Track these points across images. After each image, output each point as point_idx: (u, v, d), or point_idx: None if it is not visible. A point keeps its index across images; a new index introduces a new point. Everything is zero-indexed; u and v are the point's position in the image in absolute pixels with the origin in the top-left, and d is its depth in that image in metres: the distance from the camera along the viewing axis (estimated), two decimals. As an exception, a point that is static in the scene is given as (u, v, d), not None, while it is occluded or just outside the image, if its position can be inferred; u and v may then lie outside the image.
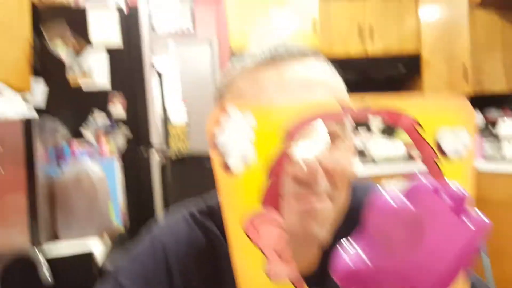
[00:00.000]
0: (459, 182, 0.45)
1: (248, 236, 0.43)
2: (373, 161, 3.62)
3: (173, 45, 3.80)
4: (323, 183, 0.52)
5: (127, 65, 2.08)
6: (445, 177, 0.47)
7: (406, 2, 3.89)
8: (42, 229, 1.40)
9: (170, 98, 3.12)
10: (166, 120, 2.40)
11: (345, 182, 0.54)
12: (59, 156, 1.66)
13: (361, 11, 3.80)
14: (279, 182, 0.44)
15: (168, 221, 0.63)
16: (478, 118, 3.82)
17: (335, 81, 0.58)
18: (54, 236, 1.52)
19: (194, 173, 3.73)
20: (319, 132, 0.51)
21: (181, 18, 3.95)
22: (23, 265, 1.32)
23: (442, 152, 0.47)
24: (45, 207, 1.45)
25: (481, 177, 3.11)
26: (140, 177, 2.05)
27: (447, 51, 3.76)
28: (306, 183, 0.51)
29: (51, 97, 2.00)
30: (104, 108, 2.04)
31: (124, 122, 2.05)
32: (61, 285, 1.34)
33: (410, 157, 3.72)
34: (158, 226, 0.63)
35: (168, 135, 3.54)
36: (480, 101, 3.82)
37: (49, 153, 1.57)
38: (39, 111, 1.84)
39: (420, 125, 0.47)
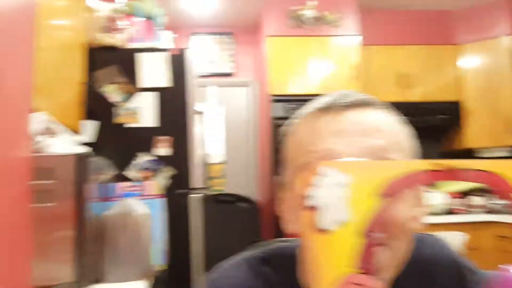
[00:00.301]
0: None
1: (343, 301, 0.41)
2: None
3: (214, 87, 3.88)
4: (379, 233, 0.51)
5: (173, 106, 2.13)
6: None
7: (447, 50, 3.87)
8: (87, 268, 1.40)
9: (210, 138, 3.15)
10: (206, 160, 2.41)
11: (406, 233, 0.54)
12: (106, 195, 1.69)
13: (402, 59, 3.80)
14: (376, 244, 0.42)
15: (227, 266, 0.65)
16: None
17: (395, 130, 0.59)
18: (98, 278, 1.51)
19: (228, 211, 3.72)
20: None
21: (222, 61, 4.05)
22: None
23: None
24: (91, 245, 1.45)
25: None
26: (181, 216, 2.05)
27: (489, 100, 3.69)
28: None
29: (100, 137, 2.05)
30: (150, 148, 2.07)
31: (168, 161, 2.07)
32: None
33: (452, 210, 3.60)
34: (218, 271, 0.65)
35: (208, 174, 3.57)
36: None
37: (97, 191, 1.59)
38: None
39: (518, 190, 0.44)
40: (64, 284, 1.37)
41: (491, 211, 3.54)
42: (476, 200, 3.66)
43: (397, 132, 0.60)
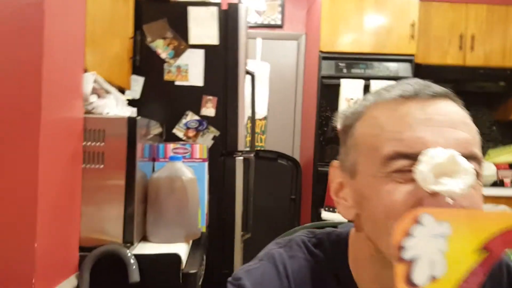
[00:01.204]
0: None
1: None
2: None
3: (259, 39, 3.77)
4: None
5: (223, 65, 2.07)
6: None
7: (514, 11, 3.57)
8: (135, 228, 1.43)
9: (261, 91, 3.10)
10: (254, 120, 2.38)
11: None
12: (154, 155, 1.69)
13: (464, 18, 3.54)
14: (468, 300, 0.38)
15: (285, 243, 0.70)
16: None
17: (473, 125, 0.61)
18: (144, 238, 1.55)
19: (268, 167, 3.72)
20: (467, 168, 0.50)
21: (270, 11, 3.90)
22: (113, 260, 1.36)
23: None
24: (140, 206, 1.48)
25: None
26: (225, 177, 2.05)
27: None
28: None
29: (149, 94, 2.04)
30: (198, 108, 2.05)
31: (215, 122, 2.05)
32: (147, 283, 1.36)
33: (500, 182, 3.47)
34: (278, 250, 0.69)
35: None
36: None
37: (145, 151, 1.59)
38: (135, 106, 1.88)
39: None
40: (114, 243, 1.40)
41: (543, 187, 3.38)
42: (528, 173, 3.51)
43: (474, 126, 0.61)
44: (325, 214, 3.06)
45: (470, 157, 0.54)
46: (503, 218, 0.38)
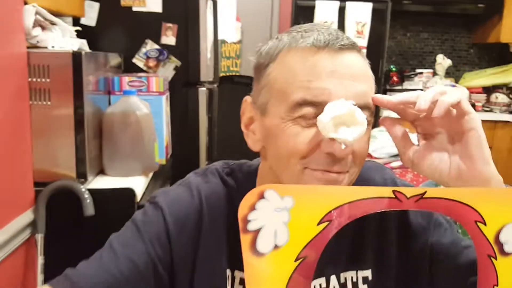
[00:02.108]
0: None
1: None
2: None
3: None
4: (349, 161, 0.61)
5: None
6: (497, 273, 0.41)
7: None
8: (88, 162, 1.45)
9: (224, 18, 2.99)
10: (216, 49, 2.32)
11: (363, 161, 0.65)
12: (109, 88, 1.67)
13: None
14: (311, 265, 0.40)
15: (202, 172, 0.77)
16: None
17: (371, 76, 0.65)
18: (100, 171, 1.57)
19: (242, 91, 3.69)
20: (361, 121, 0.58)
21: None
22: (68, 194, 1.39)
23: (502, 250, 0.41)
24: (93, 140, 1.48)
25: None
26: (186, 109, 2.05)
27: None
28: (337, 160, 0.59)
29: (105, 21, 1.96)
30: (156, 36, 1.98)
31: (176, 51, 2.00)
32: (102, 216, 1.40)
33: (472, 106, 3.50)
34: (197, 173, 0.77)
35: (219, 59, 3.48)
36: None
37: (99, 84, 1.57)
38: (91, 35, 1.81)
39: (483, 220, 0.40)
40: (67, 179, 1.43)
41: (513, 111, 3.43)
42: (500, 97, 3.54)
43: (372, 76, 0.66)
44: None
45: (365, 107, 0.61)
46: (343, 193, 0.39)
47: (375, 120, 2.63)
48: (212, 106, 2.16)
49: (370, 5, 3.15)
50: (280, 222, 0.39)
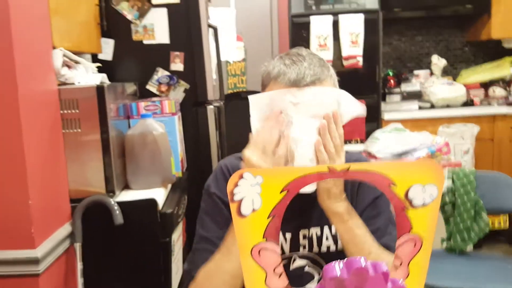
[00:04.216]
0: (422, 224, 0.59)
1: (254, 259, 0.61)
2: (432, 105, 3.60)
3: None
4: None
5: (185, 20, 2.21)
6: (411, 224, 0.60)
7: None
8: (115, 178, 1.66)
9: (228, 40, 3.22)
10: (220, 70, 2.54)
11: (342, 150, 0.94)
12: (128, 114, 1.89)
13: None
14: (277, 221, 0.60)
15: (226, 161, 1.14)
16: None
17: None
18: (125, 186, 1.79)
19: (249, 106, 3.90)
20: None
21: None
22: (100, 208, 1.60)
23: (411, 204, 0.60)
24: (117, 160, 1.70)
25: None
26: (197, 126, 2.26)
27: (520, -11, 3.49)
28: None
29: (120, 56, 2.19)
30: (165, 64, 2.21)
31: (183, 76, 2.22)
32: (129, 225, 1.61)
33: (470, 102, 3.65)
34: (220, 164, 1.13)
35: (226, 78, 3.70)
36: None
37: (120, 110, 1.79)
38: (108, 68, 2.05)
39: (394, 183, 0.60)
40: (99, 193, 1.65)
41: (510, 103, 3.57)
42: (497, 91, 3.68)
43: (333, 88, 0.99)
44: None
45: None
46: (294, 171, 0.59)
47: (378, 122, 2.84)
48: (220, 121, 2.37)
49: (362, 16, 3.34)
50: (255, 193, 0.59)
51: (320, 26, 3.36)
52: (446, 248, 2.15)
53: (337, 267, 0.48)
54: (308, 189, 0.89)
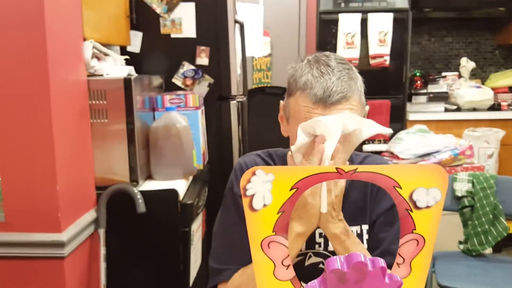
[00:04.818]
0: (425, 225, 0.62)
1: (264, 251, 0.64)
2: (458, 107, 3.56)
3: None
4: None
5: (213, 15, 2.25)
6: (415, 227, 0.63)
7: None
8: (139, 168, 1.72)
9: (254, 36, 3.25)
10: (245, 66, 2.58)
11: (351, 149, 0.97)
12: (153, 106, 1.95)
13: None
14: (286, 217, 0.64)
15: (247, 157, 1.14)
16: None
17: (360, 104, 0.98)
18: (149, 176, 1.85)
19: (273, 100, 3.93)
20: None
21: None
22: (124, 196, 1.67)
23: (415, 205, 0.63)
24: (142, 150, 1.76)
25: None
26: (220, 120, 2.31)
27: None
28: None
29: (148, 49, 2.25)
30: (191, 58, 2.26)
31: (208, 70, 2.27)
32: (151, 213, 1.67)
33: (497, 106, 3.59)
34: (242, 159, 1.15)
35: (252, 72, 3.74)
36: None
37: (145, 102, 1.85)
38: (136, 60, 2.11)
39: (399, 185, 0.62)
40: (123, 182, 1.71)
41: (538, 109, 3.49)
42: (526, 96, 3.61)
43: (360, 104, 0.98)
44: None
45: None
46: (304, 170, 0.62)
47: (402, 123, 2.85)
48: (243, 116, 2.40)
49: (391, 15, 3.32)
50: (266, 190, 0.62)
51: (348, 23, 3.35)
52: (463, 250, 2.14)
53: (338, 261, 0.51)
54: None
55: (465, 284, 1.90)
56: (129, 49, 2.23)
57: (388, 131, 0.95)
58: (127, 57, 1.98)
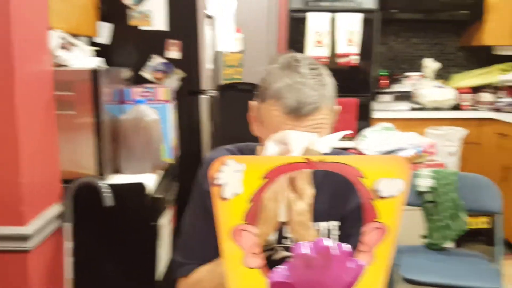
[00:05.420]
0: (388, 214, 0.64)
1: (233, 240, 0.65)
2: (422, 106, 3.67)
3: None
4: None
5: (183, 9, 2.24)
6: (377, 216, 0.65)
7: None
8: (107, 162, 1.70)
9: (225, 30, 3.25)
10: (216, 59, 2.58)
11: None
12: (122, 99, 1.92)
13: None
14: (257, 206, 0.65)
15: (215, 152, 1.13)
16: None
17: (330, 111, 0.97)
18: (117, 171, 1.82)
19: (245, 97, 3.94)
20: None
21: None
22: (91, 189, 1.64)
23: (378, 194, 0.65)
24: (109, 144, 1.74)
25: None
26: (191, 114, 2.30)
27: (514, -2, 3.56)
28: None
29: (116, 39, 2.22)
30: (162, 51, 2.24)
31: (179, 64, 2.25)
32: (119, 207, 1.65)
33: (459, 105, 3.72)
34: (210, 153, 1.13)
35: (223, 68, 3.73)
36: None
37: (114, 95, 1.82)
38: (105, 52, 2.08)
39: (363, 175, 0.64)
40: (90, 176, 1.68)
41: (497, 109, 3.64)
42: (485, 96, 3.75)
43: (332, 108, 0.98)
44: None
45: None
46: (274, 160, 0.64)
47: (368, 121, 2.91)
48: (214, 111, 2.41)
49: (359, 15, 3.38)
50: (237, 179, 0.64)
51: (317, 22, 3.39)
52: (426, 244, 2.21)
53: (305, 246, 0.53)
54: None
55: (428, 277, 1.97)
56: (97, 40, 2.19)
57: (345, 133, 0.95)
58: (95, 48, 1.95)
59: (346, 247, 0.52)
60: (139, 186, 1.70)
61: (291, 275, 0.56)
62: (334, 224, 1.09)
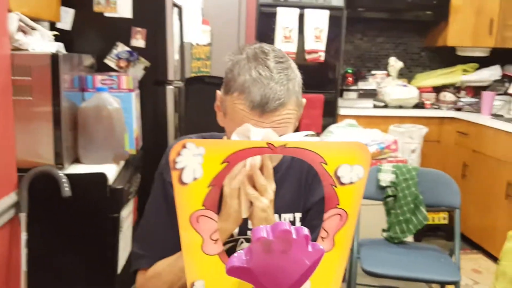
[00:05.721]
0: (348, 200, 0.64)
1: (192, 226, 0.64)
2: (386, 104, 3.74)
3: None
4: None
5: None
6: (339, 202, 0.65)
7: None
8: (66, 151, 1.64)
9: (193, 22, 3.21)
10: (182, 51, 2.54)
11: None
12: (83, 86, 1.86)
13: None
14: (216, 191, 0.64)
15: (175, 142, 1.11)
16: (496, 72, 3.82)
17: (297, 107, 0.95)
18: (76, 160, 1.77)
19: (212, 90, 3.90)
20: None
21: None
22: (48, 179, 1.58)
23: (339, 181, 0.65)
24: (69, 132, 1.68)
25: (486, 132, 3.23)
26: (155, 105, 2.26)
27: (476, 2, 3.67)
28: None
29: (79, 25, 2.15)
30: (126, 39, 2.19)
31: (144, 53, 2.21)
32: (78, 198, 1.60)
33: (422, 104, 3.82)
34: (169, 146, 1.05)
35: (190, 60, 3.69)
36: (502, 56, 3.80)
37: (74, 82, 1.76)
38: (67, 38, 2.01)
39: (325, 161, 0.64)
40: (47, 165, 1.62)
41: (458, 108, 3.75)
42: (447, 96, 3.86)
43: (298, 103, 0.95)
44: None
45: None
46: (235, 144, 0.62)
47: (334, 117, 2.93)
48: (180, 102, 2.37)
49: (327, 12, 3.41)
50: (197, 163, 0.62)
51: (286, 18, 3.40)
52: (386, 238, 2.26)
53: (264, 230, 0.52)
54: None
55: (387, 269, 2.01)
56: (59, 25, 2.12)
57: (307, 133, 0.94)
58: (56, 33, 1.88)
59: (306, 230, 0.52)
60: (100, 176, 1.66)
61: (249, 259, 0.55)
62: (298, 216, 1.09)
